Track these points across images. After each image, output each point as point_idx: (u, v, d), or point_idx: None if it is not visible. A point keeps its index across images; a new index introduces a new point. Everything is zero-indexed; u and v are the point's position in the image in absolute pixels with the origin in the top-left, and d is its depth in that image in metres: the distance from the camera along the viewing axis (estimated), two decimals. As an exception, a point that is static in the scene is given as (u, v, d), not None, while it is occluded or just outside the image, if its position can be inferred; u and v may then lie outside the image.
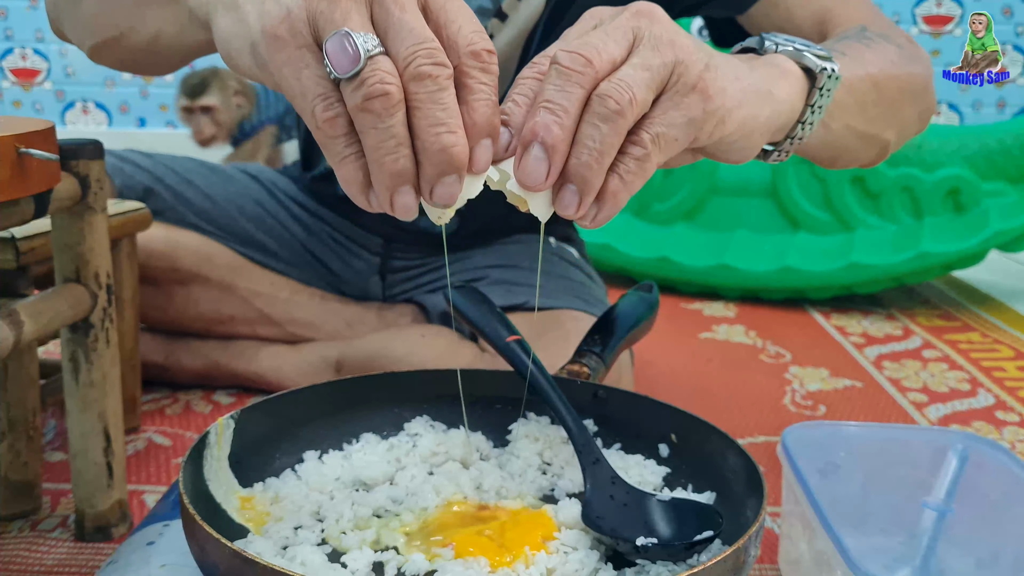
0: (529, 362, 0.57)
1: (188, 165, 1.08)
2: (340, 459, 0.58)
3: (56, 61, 2.24)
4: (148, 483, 0.82)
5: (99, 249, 0.68)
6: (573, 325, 0.92)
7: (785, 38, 0.52)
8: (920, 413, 1.06)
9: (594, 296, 1.00)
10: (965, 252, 1.45)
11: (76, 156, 0.65)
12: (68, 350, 0.68)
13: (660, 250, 1.57)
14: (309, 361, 1.02)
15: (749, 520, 0.47)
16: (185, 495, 0.45)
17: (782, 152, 0.53)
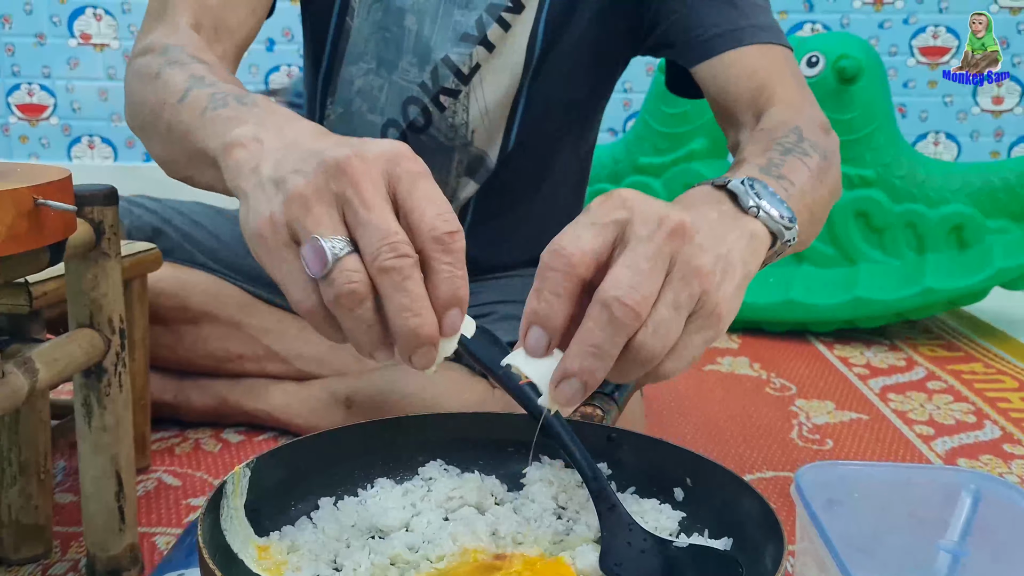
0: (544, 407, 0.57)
1: (195, 208, 1.09)
2: (355, 505, 0.58)
3: (63, 97, 2.26)
4: (159, 525, 0.82)
5: (112, 294, 0.68)
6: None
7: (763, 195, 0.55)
8: (928, 446, 1.06)
9: None
10: (969, 289, 1.45)
11: (90, 203, 0.66)
12: (81, 395, 0.68)
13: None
14: (318, 398, 1.02)
15: (768, 569, 0.47)
16: (205, 549, 0.45)
17: None
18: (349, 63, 0.97)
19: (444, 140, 0.97)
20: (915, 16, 2.31)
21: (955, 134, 2.39)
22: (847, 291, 1.50)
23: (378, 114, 0.97)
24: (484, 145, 0.98)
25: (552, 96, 0.96)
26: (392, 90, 0.96)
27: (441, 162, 0.98)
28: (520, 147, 0.99)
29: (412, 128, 0.97)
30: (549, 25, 0.93)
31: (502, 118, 0.96)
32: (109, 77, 2.23)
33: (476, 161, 0.99)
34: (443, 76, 0.94)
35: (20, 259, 0.56)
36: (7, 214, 0.51)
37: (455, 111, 0.95)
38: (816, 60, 1.51)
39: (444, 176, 0.99)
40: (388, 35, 0.94)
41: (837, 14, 2.30)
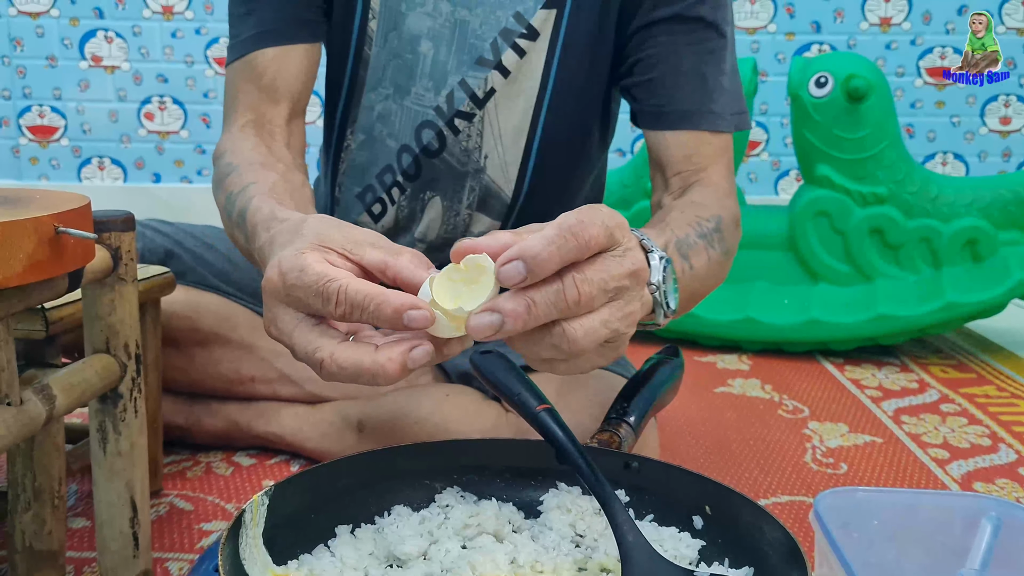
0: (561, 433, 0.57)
1: (207, 231, 1.09)
2: (373, 533, 0.58)
3: (73, 118, 2.27)
4: (172, 550, 0.82)
5: (129, 320, 0.68)
6: (597, 384, 0.92)
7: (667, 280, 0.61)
8: (943, 470, 1.06)
9: None
10: (989, 302, 1.46)
11: (108, 228, 0.66)
12: (96, 420, 0.68)
13: (679, 304, 1.57)
14: (329, 421, 1.01)
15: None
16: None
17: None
18: (369, 90, 0.98)
19: (457, 165, 0.97)
20: (922, 37, 2.32)
21: (963, 154, 2.39)
22: (868, 309, 1.51)
23: (395, 139, 0.98)
24: (497, 175, 0.97)
25: (566, 128, 0.97)
26: (405, 115, 0.97)
27: (454, 189, 0.98)
28: (538, 180, 0.98)
29: (426, 152, 0.97)
30: (564, 53, 0.93)
31: (517, 147, 0.96)
32: (120, 99, 2.25)
33: (489, 193, 0.98)
34: (458, 99, 0.94)
35: (39, 286, 0.56)
36: (28, 242, 0.52)
37: (469, 135, 0.96)
38: (825, 80, 1.51)
39: (455, 205, 0.99)
40: (401, 62, 0.95)
41: (844, 35, 2.31)
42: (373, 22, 0.95)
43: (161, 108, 2.25)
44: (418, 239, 1.02)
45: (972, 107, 2.34)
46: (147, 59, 2.23)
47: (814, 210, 1.56)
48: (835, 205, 1.54)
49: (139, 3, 2.21)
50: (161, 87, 2.24)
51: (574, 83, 0.94)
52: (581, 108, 0.96)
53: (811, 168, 1.58)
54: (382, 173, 1.00)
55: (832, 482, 1.02)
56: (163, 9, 2.21)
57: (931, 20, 2.31)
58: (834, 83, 1.50)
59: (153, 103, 2.25)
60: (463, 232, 1.00)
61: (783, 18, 2.30)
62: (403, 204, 1.00)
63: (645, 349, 0.95)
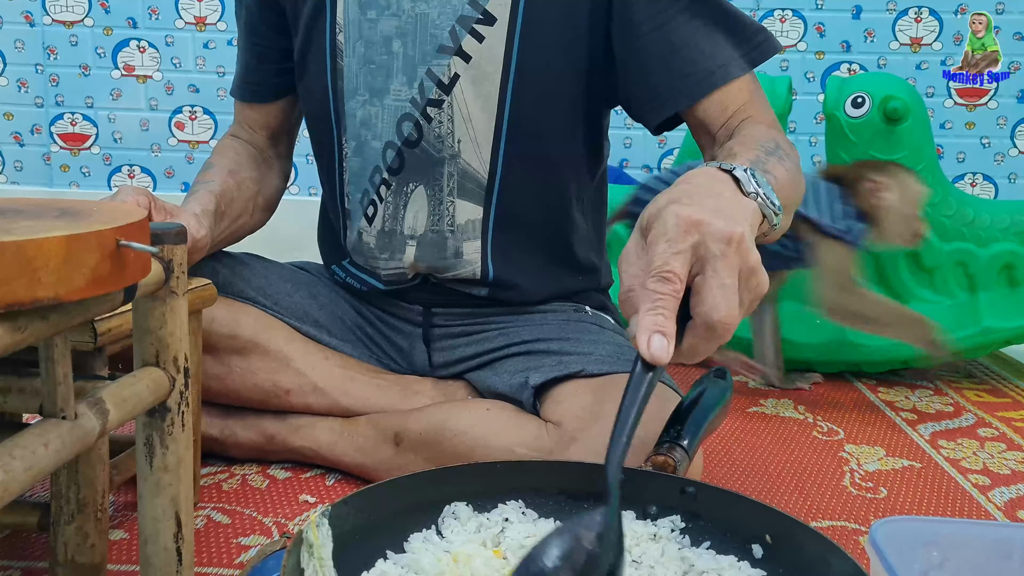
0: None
1: (240, 254, 1.12)
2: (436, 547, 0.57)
3: (104, 127, 2.29)
4: (210, 565, 0.81)
5: (179, 333, 0.68)
6: (660, 397, 0.91)
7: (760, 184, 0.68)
8: (985, 496, 1.04)
9: None
10: None
11: (162, 241, 0.66)
12: (144, 434, 0.68)
13: (711, 324, 1.56)
14: (365, 435, 1.01)
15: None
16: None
17: None
18: (348, 98, 1.02)
19: (434, 152, 1.00)
20: (952, 58, 2.30)
21: (992, 175, 2.36)
22: (902, 332, 1.49)
23: (378, 140, 1.02)
24: (471, 158, 1.00)
25: (536, 109, 0.99)
26: (386, 114, 1.01)
27: (434, 177, 1.01)
28: (512, 161, 1.00)
29: (407, 143, 1.00)
30: (525, 38, 0.96)
31: (487, 129, 0.98)
32: (151, 108, 2.26)
33: (466, 177, 1.00)
34: (427, 88, 0.98)
35: (98, 300, 0.56)
36: (92, 256, 0.51)
37: (441, 121, 0.99)
38: (862, 100, 1.50)
39: (438, 193, 1.01)
40: (373, 66, 1.00)
41: (875, 55, 2.30)
42: (341, 35, 1.01)
43: (192, 118, 2.26)
44: (408, 235, 1.03)
45: (1003, 128, 2.32)
46: (179, 69, 2.24)
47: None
48: (870, 226, 1.53)
49: (172, 13, 2.23)
50: (192, 97, 2.25)
51: (539, 67, 0.97)
52: (551, 92, 0.98)
53: (845, 188, 1.56)
54: (372, 175, 1.03)
55: (873, 507, 1.00)
56: (196, 20, 2.23)
57: (961, 41, 2.29)
58: (871, 104, 1.49)
59: (184, 113, 2.26)
60: (449, 222, 1.01)
61: (813, 37, 2.29)
62: (389, 200, 1.03)
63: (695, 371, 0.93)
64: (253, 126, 1.16)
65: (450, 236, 1.02)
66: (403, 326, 1.10)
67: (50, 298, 0.50)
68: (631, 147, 2.31)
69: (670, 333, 0.55)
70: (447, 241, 1.02)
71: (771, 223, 0.68)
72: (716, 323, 0.56)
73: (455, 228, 1.02)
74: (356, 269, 1.09)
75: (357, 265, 1.09)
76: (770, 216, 0.68)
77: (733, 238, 0.58)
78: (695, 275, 0.58)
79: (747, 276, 0.58)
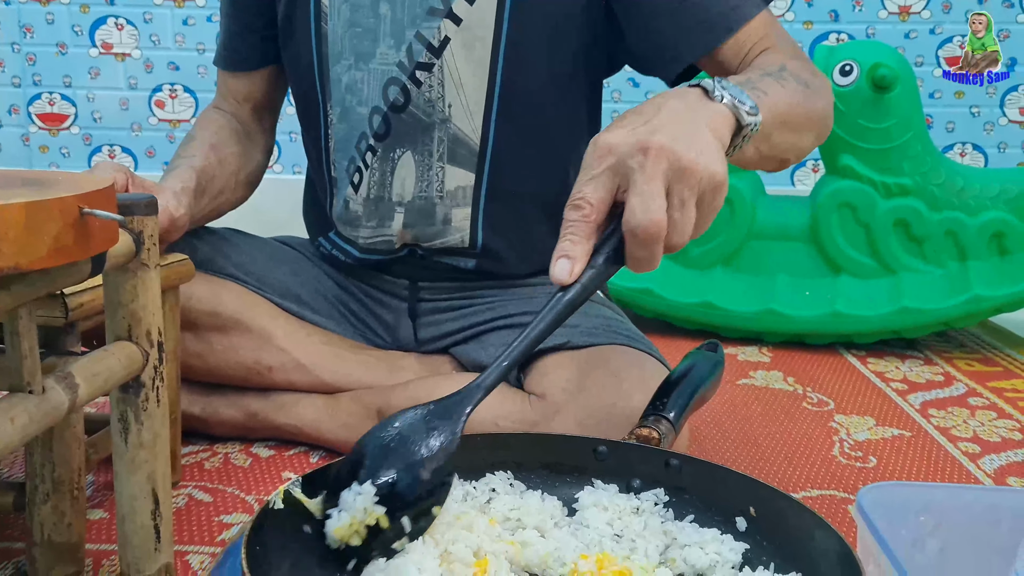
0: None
1: (221, 229, 1.10)
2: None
3: (83, 106, 2.25)
4: (191, 543, 0.80)
5: (151, 307, 0.66)
6: (619, 360, 0.90)
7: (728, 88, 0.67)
8: (975, 464, 1.04)
9: (632, 331, 0.99)
10: (1016, 296, 1.45)
11: (131, 212, 0.64)
12: (118, 410, 0.66)
13: (703, 295, 1.55)
14: (349, 411, 0.99)
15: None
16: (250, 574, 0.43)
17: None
18: (333, 63, 1.00)
19: (423, 116, 0.98)
20: (941, 27, 2.28)
21: (982, 145, 2.35)
22: (893, 302, 1.49)
23: (364, 105, 1.00)
24: (463, 123, 0.98)
25: (530, 75, 0.97)
26: (372, 78, 0.99)
27: (423, 142, 0.99)
28: (505, 128, 0.98)
29: (393, 108, 0.98)
30: (517, 1, 0.93)
31: (479, 94, 0.97)
32: (130, 87, 2.23)
33: (457, 143, 0.98)
34: (416, 51, 0.96)
35: (63, 271, 0.54)
36: (54, 224, 0.50)
37: (431, 85, 0.97)
38: (850, 69, 1.48)
39: (427, 159, 0.99)
40: (359, 30, 0.98)
41: (863, 24, 2.28)
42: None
43: (172, 96, 2.23)
44: (396, 202, 1.01)
45: (992, 98, 2.31)
46: (158, 47, 2.21)
47: (837, 201, 1.53)
48: (859, 196, 1.52)
49: (150, -10, 2.20)
50: (172, 75, 2.21)
51: (533, 30, 0.95)
52: (545, 55, 0.96)
53: (834, 158, 1.55)
54: (358, 141, 1.01)
55: (862, 476, 0.99)
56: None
57: (951, 9, 2.28)
58: (859, 72, 1.48)
59: (164, 91, 2.23)
60: (438, 188, 0.99)
61: (801, 6, 2.27)
62: (375, 167, 1.01)
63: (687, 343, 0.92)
64: (237, 98, 1.13)
65: (439, 202, 1.00)
66: (389, 301, 1.08)
67: (11, 267, 0.48)
68: (618, 121, 2.29)
69: (575, 255, 0.59)
70: (435, 208, 1.00)
71: (744, 123, 0.67)
72: (635, 228, 0.58)
73: (444, 194, 1.00)
74: (342, 241, 1.07)
75: (343, 237, 1.07)
76: (742, 116, 0.67)
77: (651, 146, 0.59)
78: (622, 192, 0.60)
79: (679, 176, 0.59)
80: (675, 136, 0.60)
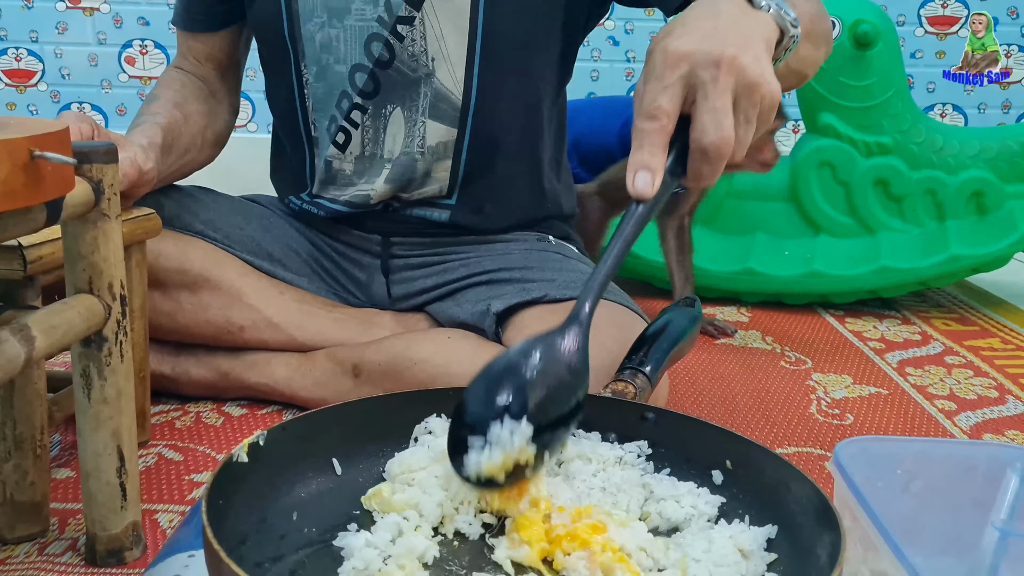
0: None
1: (189, 187, 1.07)
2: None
3: (51, 62, 2.19)
4: (160, 502, 0.78)
5: (113, 258, 0.64)
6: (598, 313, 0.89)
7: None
8: (951, 421, 1.04)
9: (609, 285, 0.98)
10: (994, 255, 1.44)
11: (89, 160, 0.62)
12: (80, 365, 0.64)
13: (682, 255, 1.54)
14: (323, 368, 0.98)
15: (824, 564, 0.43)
16: (209, 527, 0.42)
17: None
18: (304, 21, 0.97)
19: (408, 71, 0.97)
20: (924, -14, 2.27)
21: (962, 106, 2.35)
22: (871, 261, 1.48)
23: (343, 63, 0.98)
24: (446, 77, 0.97)
25: (512, 24, 0.95)
26: (349, 35, 0.96)
27: (410, 97, 0.98)
28: (488, 82, 0.97)
29: (379, 64, 0.97)
30: None
31: (460, 47, 0.95)
32: (99, 42, 2.17)
33: (439, 98, 0.97)
34: (395, 5, 0.94)
35: (14, 217, 0.52)
36: (1, 167, 0.47)
37: (413, 39, 0.95)
38: (832, 24, 1.46)
39: (413, 114, 0.98)
40: None
41: (845, -18, 2.25)
42: None
43: (143, 52, 2.18)
44: (386, 159, 1.00)
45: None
46: (127, 0, 2.15)
47: (817, 160, 1.52)
48: (839, 155, 1.50)
49: (118, -59, 2.13)
50: (143, 30, 2.16)
51: None
52: (527, 6, 0.95)
53: (814, 117, 1.53)
54: (339, 100, 0.99)
55: (839, 433, 0.99)
56: (143, -52, 2.13)
57: (934, -32, 2.26)
58: (841, 28, 1.46)
59: (134, 47, 2.17)
60: (420, 144, 0.99)
61: (783, -36, 2.24)
62: (367, 125, 0.99)
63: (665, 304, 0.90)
64: (199, 58, 1.10)
65: (420, 158, 0.99)
66: (361, 257, 1.07)
67: (-45, 211, 0.46)
68: (598, 79, 2.26)
69: (654, 168, 0.56)
70: (417, 163, 0.99)
71: (788, 34, 0.66)
72: (707, 146, 0.57)
73: (425, 150, 0.98)
74: (318, 197, 1.05)
75: (320, 197, 1.05)
76: (787, 27, 0.66)
77: (723, 60, 0.57)
78: (691, 104, 0.58)
79: (746, 92, 0.58)
80: (743, 48, 0.58)
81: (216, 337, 0.99)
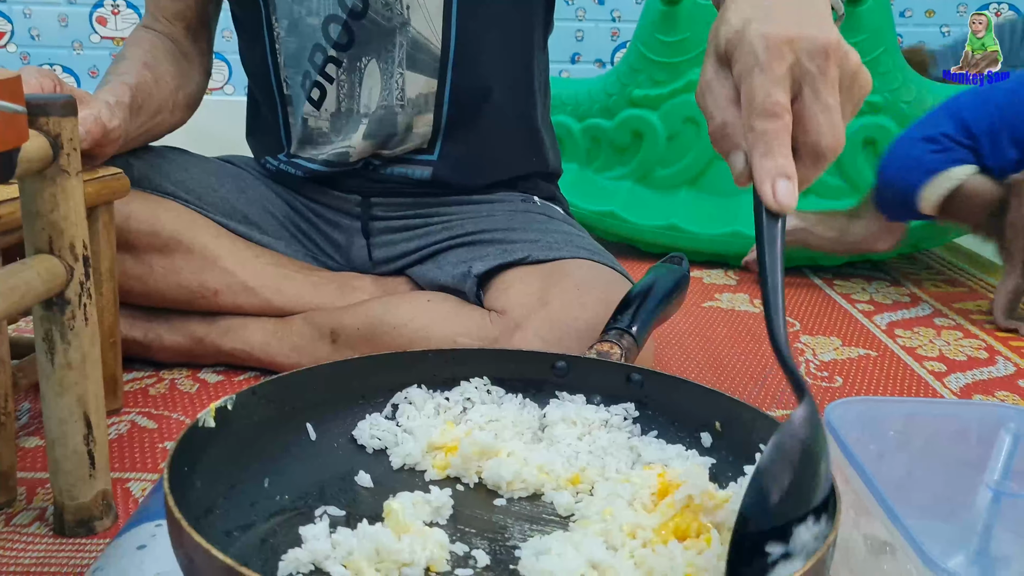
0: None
1: (160, 147, 1.02)
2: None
3: (20, 23, 2.13)
4: (133, 470, 0.76)
5: (74, 217, 0.61)
6: (582, 273, 0.87)
7: None
8: (941, 383, 1.02)
9: (593, 246, 0.96)
10: None
11: (45, 112, 0.58)
12: (42, 329, 0.62)
13: (668, 218, 1.52)
14: (300, 333, 0.95)
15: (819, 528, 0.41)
16: (171, 495, 0.40)
17: None
18: None
19: (383, 21, 0.94)
20: (914, -58, 2.23)
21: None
22: (860, 223, 1.46)
23: (315, 15, 0.95)
24: (422, 26, 0.94)
25: None
26: None
27: (387, 49, 0.95)
28: (467, 30, 0.94)
29: (352, 15, 0.94)
30: None
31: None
32: (69, 2, 2.11)
33: (417, 48, 0.94)
34: None
35: (-38, 171, 0.49)
36: (-58, 114, 0.44)
37: None
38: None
39: (389, 66, 0.95)
40: None
41: (834, -60, 2.22)
42: None
43: (115, 12, 2.12)
44: (363, 114, 0.97)
45: (963, 16, 2.27)
46: (98, -41, 2.10)
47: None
48: (827, 114, 1.48)
49: None
50: (115, -11, 2.11)
51: None
52: None
53: (804, 75, 1.50)
54: (312, 54, 0.96)
55: (829, 395, 0.98)
56: (114, -96, 2.07)
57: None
58: (831, -17, 1.42)
59: (106, 6, 2.11)
60: (399, 96, 0.96)
61: (772, -78, 2.20)
62: (342, 79, 0.97)
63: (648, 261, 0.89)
64: (168, 17, 1.05)
65: (400, 112, 0.96)
66: (340, 219, 1.04)
67: None
68: (583, 40, 2.22)
69: (791, 173, 0.49)
70: (397, 117, 0.96)
71: (839, 13, 0.62)
72: (825, 150, 0.50)
73: (405, 103, 0.96)
74: (295, 157, 1.02)
75: (299, 157, 1.01)
76: (838, 5, 0.61)
77: (829, 47, 0.50)
78: (793, 99, 0.51)
79: (849, 84, 0.51)
80: (837, 33, 0.52)
81: (189, 302, 0.96)
